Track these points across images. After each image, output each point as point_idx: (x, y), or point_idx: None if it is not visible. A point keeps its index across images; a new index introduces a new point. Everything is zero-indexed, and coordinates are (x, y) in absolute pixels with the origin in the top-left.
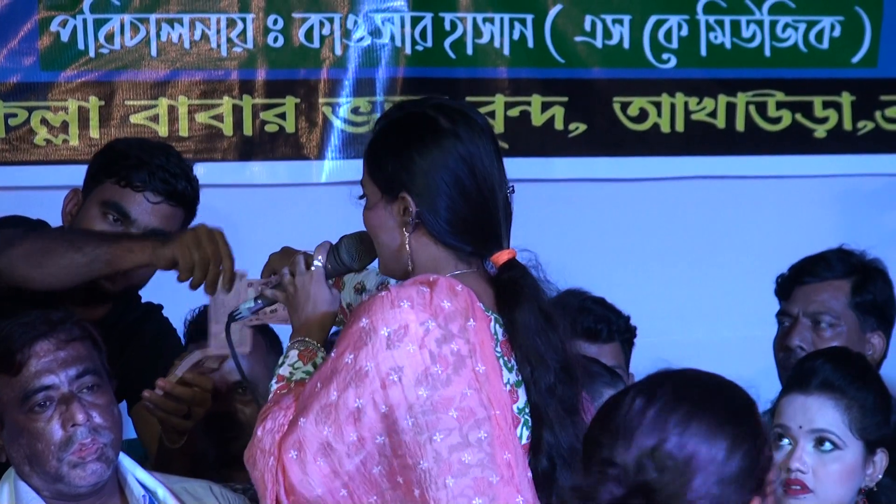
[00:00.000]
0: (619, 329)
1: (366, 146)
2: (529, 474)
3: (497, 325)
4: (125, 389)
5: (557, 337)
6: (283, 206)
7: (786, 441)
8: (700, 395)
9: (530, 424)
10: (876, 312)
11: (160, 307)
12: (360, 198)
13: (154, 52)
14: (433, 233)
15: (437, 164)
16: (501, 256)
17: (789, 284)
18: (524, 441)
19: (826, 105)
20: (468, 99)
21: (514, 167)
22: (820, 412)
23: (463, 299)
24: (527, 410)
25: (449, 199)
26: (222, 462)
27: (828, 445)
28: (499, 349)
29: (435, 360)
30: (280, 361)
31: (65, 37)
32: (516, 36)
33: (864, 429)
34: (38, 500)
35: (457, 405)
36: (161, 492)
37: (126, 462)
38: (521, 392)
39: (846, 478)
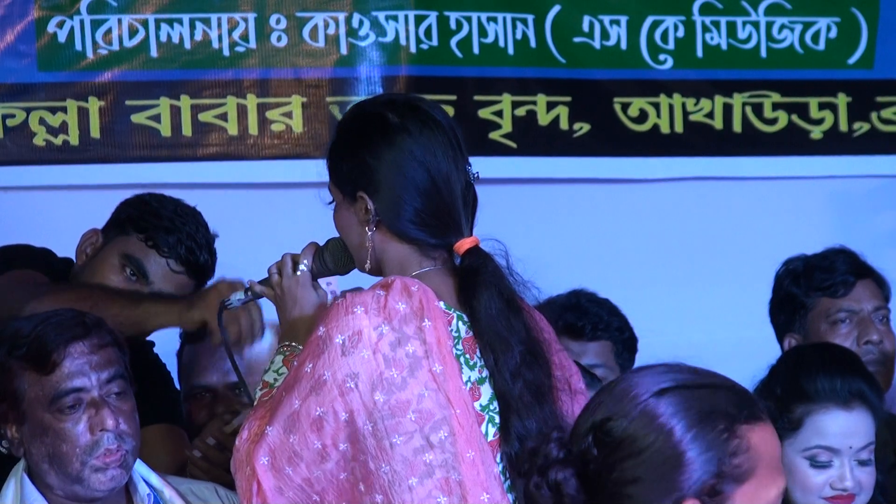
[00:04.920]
0: (607, 328)
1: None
2: (497, 470)
3: (460, 323)
4: None
5: (520, 321)
6: (287, 205)
7: (825, 458)
8: (676, 386)
9: (497, 421)
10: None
11: (151, 344)
12: (330, 203)
13: (154, 52)
14: (393, 229)
15: (388, 162)
16: (464, 244)
17: (848, 282)
18: (491, 438)
19: (822, 106)
20: (475, 98)
21: (522, 166)
22: (863, 427)
23: (418, 300)
24: (492, 407)
25: (403, 194)
26: None
27: (866, 455)
28: (460, 347)
29: (389, 364)
30: (266, 367)
31: (62, 38)
32: (519, 35)
33: (878, 424)
34: (41, 501)
35: (414, 407)
36: (167, 492)
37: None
38: (485, 389)
39: (874, 474)
